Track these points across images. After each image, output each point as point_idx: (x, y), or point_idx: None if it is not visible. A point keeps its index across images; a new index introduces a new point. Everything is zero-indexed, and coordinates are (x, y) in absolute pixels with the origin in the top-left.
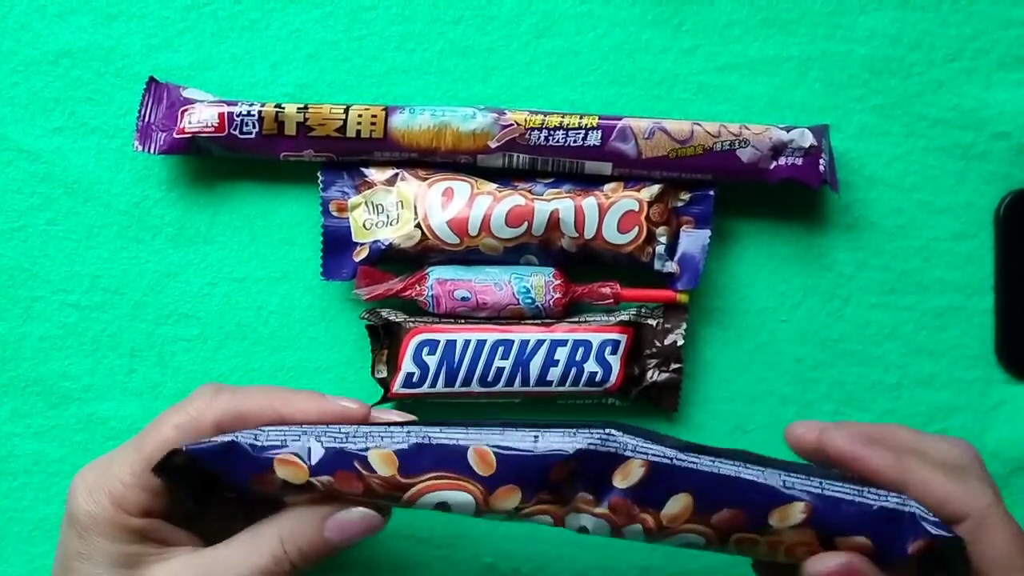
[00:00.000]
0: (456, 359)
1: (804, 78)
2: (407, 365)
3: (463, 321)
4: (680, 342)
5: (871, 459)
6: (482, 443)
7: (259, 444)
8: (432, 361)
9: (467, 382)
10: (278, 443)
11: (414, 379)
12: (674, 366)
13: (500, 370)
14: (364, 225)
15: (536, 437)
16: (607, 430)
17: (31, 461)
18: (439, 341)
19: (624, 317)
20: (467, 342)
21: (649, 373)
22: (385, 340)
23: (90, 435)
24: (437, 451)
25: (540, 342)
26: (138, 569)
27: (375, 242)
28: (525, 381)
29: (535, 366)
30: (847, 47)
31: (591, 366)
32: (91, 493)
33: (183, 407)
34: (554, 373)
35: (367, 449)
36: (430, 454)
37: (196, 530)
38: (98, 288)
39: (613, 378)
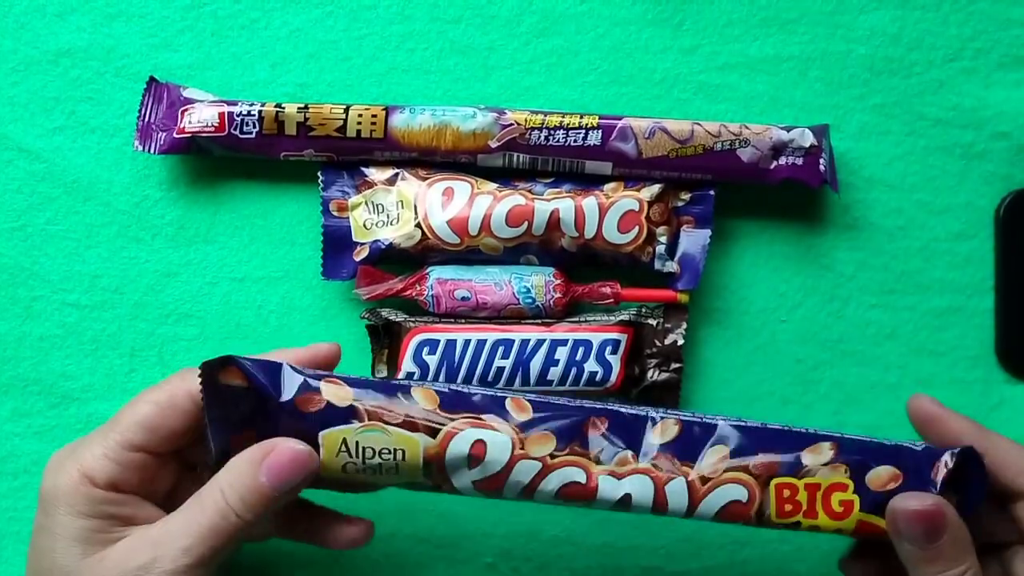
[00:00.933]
0: (456, 359)
1: (804, 77)
2: (407, 365)
3: (463, 321)
4: (680, 342)
5: (952, 421)
6: (519, 395)
7: (305, 370)
8: (432, 361)
9: (467, 381)
10: (323, 373)
11: (414, 379)
12: (674, 366)
13: (500, 370)
14: (364, 225)
15: (570, 400)
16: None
17: (31, 461)
18: (439, 341)
19: (624, 317)
20: (467, 342)
21: (649, 373)
22: (385, 340)
23: None
24: (475, 399)
25: (540, 342)
26: (95, 545)
27: (375, 242)
28: (525, 380)
29: (535, 366)
30: (847, 46)
31: (591, 365)
32: (60, 465)
33: (159, 386)
34: (554, 372)
35: (411, 385)
36: (468, 400)
37: (170, 506)
38: (98, 288)
39: (613, 378)
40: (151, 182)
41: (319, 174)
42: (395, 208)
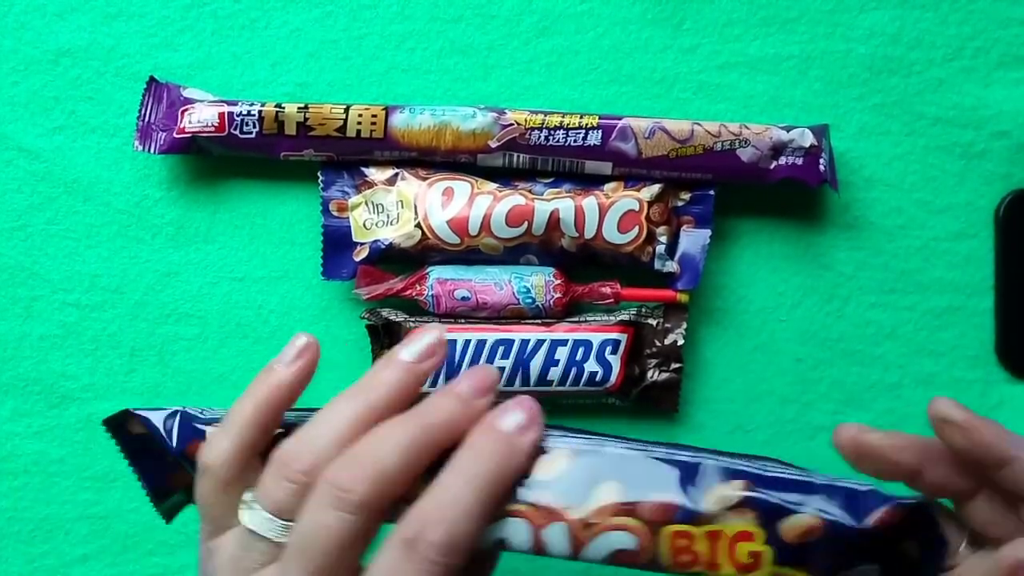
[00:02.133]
0: (456, 359)
1: (804, 77)
2: None
3: (463, 321)
4: (680, 342)
5: (984, 429)
6: None
7: (203, 416)
8: None
9: None
10: (218, 417)
11: None
12: (674, 366)
13: (500, 370)
14: (364, 225)
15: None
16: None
17: (31, 461)
18: None
19: (624, 317)
20: (467, 342)
21: (649, 373)
22: (385, 339)
23: (90, 435)
24: None
25: (540, 342)
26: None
27: (375, 242)
28: (525, 381)
29: (535, 366)
30: (847, 46)
31: (591, 366)
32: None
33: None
34: (554, 373)
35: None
36: None
37: None
38: (98, 287)
39: (613, 378)
40: (151, 182)
41: (319, 174)
42: (395, 208)
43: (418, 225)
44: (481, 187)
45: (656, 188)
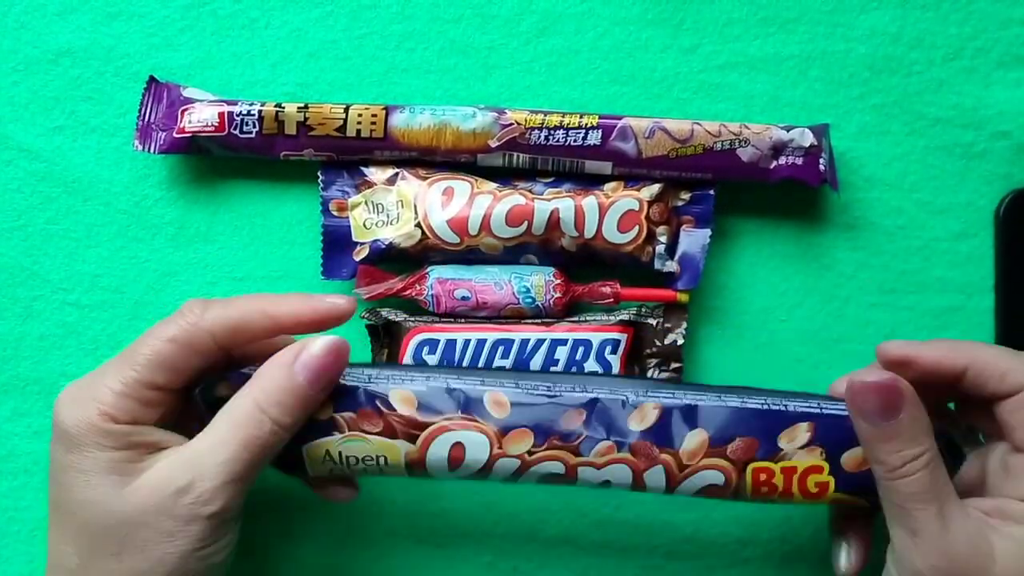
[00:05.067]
0: (456, 358)
1: (804, 77)
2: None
3: (463, 320)
4: (680, 341)
5: (926, 353)
6: (497, 390)
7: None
8: (432, 361)
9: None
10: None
11: (407, 369)
12: (674, 365)
13: (500, 372)
14: (364, 224)
15: (549, 388)
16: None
17: (31, 461)
18: (439, 340)
19: (624, 316)
20: (467, 341)
21: (649, 372)
22: (385, 339)
23: None
24: (454, 395)
25: (540, 341)
26: (129, 475)
27: (375, 241)
28: None
29: (535, 365)
30: (847, 46)
31: (591, 365)
32: (78, 404)
33: (173, 321)
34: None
35: (388, 390)
36: (447, 398)
37: (184, 431)
38: (98, 287)
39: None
40: (151, 182)
41: (319, 174)
42: (395, 208)
43: (418, 225)
44: (481, 187)
45: (656, 188)
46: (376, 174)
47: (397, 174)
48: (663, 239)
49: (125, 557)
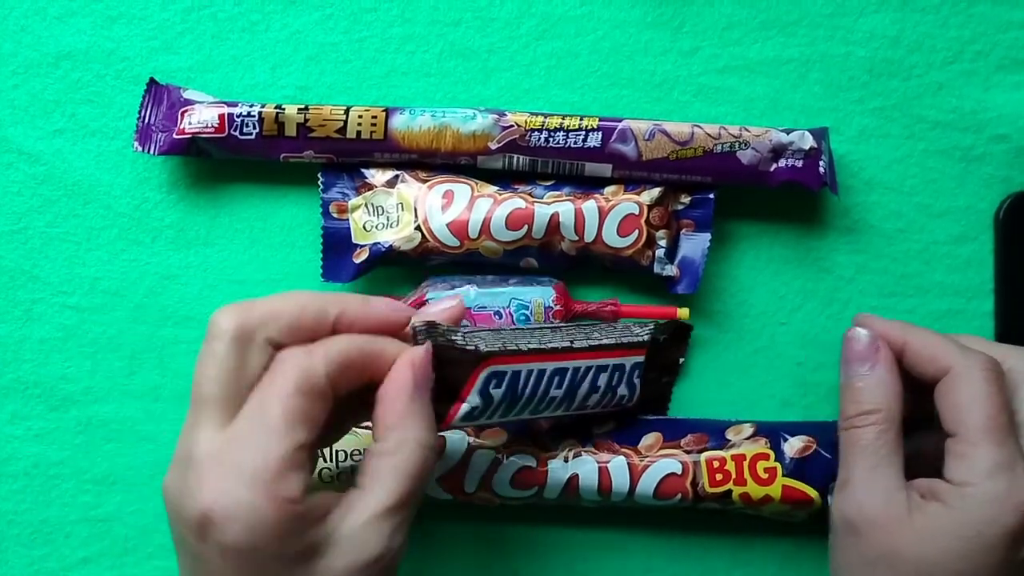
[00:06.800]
0: (519, 390)
1: (804, 80)
2: (473, 399)
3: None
4: (681, 360)
5: (876, 321)
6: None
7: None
8: (497, 394)
9: (521, 412)
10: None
11: (475, 412)
12: (664, 379)
13: (553, 399)
14: (364, 227)
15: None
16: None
17: (31, 464)
18: (507, 373)
19: (645, 337)
20: (530, 372)
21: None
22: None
23: (90, 438)
24: None
25: (589, 368)
26: (315, 557)
27: (375, 244)
28: (568, 407)
29: (581, 393)
30: (847, 49)
31: (622, 389)
32: (243, 507)
33: (280, 373)
34: (593, 399)
35: None
36: None
37: None
38: (98, 290)
39: (636, 398)
40: (151, 185)
41: (319, 176)
42: (395, 210)
43: (418, 228)
44: (481, 190)
45: (656, 192)
46: (376, 176)
47: (397, 176)
48: (663, 243)
49: None
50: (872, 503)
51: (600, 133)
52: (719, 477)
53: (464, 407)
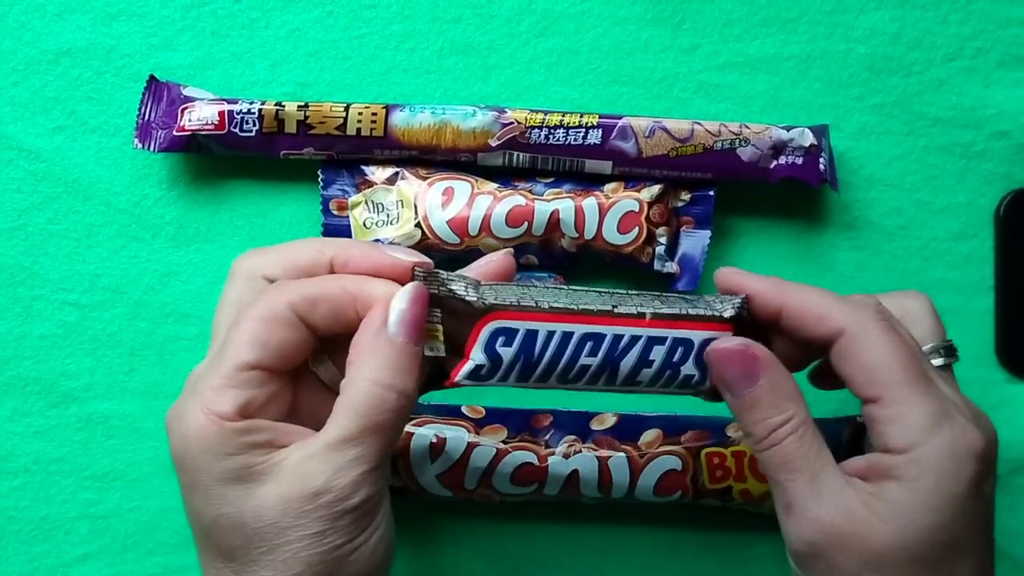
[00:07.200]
0: (536, 352)
1: (804, 77)
2: (477, 356)
3: (547, 308)
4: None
5: (749, 283)
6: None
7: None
8: (507, 353)
9: (544, 378)
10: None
11: (482, 372)
12: None
13: (585, 368)
14: (364, 224)
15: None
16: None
17: (31, 460)
18: (518, 330)
19: (730, 312)
20: (551, 333)
21: None
22: (443, 316)
23: (90, 434)
24: (433, 408)
25: (636, 338)
26: (253, 482)
27: (375, 241)
28: (611, 380)
29: (626, 366)
30: (847, 46)
31: (688, 368)
32: (182, 415)
33: (252, 305)
34: (645, 374)
35: None
36: (425, 408)
37: (297, 420)
38: (98, 287)
39: (709, 382)
40: (151, 181)
41: (319, 173)
42: (395, 207)
43: (418, 225)
44: (481, 187)
45: (656, 189)
46: (376, 173)
47: (397, 173)
48: (663, 240)
49: (278, 565)
50: (829, 515)
51: (600, 130)
52: (719, 474)
53: (468, 364)
